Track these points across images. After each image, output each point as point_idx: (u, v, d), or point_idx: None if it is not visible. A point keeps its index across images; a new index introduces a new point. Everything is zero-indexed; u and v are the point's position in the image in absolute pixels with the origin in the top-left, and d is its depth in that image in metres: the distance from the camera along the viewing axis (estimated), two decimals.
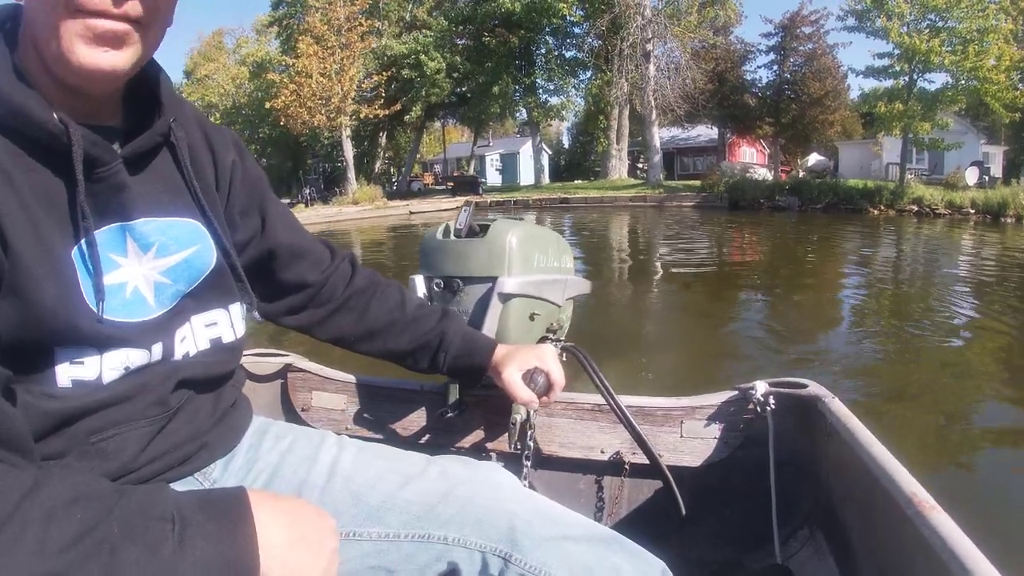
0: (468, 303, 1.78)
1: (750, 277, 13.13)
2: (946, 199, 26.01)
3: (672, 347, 7.24)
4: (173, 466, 1.10)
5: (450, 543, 1.14)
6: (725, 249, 17.96)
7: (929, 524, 1.12)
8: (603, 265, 15.88)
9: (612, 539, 1.19)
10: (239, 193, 1.27)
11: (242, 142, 1.33)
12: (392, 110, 37.85)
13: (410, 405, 2.01)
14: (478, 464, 1.32)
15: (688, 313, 9.35)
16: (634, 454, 1.88)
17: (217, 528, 0.78)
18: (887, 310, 9.59)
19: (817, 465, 1.75)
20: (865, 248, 17.88)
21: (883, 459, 1.36)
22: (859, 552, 1.53)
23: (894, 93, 27.72)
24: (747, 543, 1.89)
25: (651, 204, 32.20)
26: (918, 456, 4.36)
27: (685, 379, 5.94)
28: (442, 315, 1.56)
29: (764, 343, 7.50)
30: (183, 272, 1.10)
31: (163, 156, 1.10)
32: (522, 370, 1.52)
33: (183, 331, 1.11)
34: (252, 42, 62.53)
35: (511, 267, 1.76)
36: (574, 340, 1.81)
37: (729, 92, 40.87)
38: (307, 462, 1.27)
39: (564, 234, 22.14)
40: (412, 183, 47.91)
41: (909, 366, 6.55)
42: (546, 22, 39.27)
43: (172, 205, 1.09)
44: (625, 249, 19.24)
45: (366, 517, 1.18)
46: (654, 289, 11.84)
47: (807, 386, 1.78)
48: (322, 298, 1.47)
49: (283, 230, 1.36)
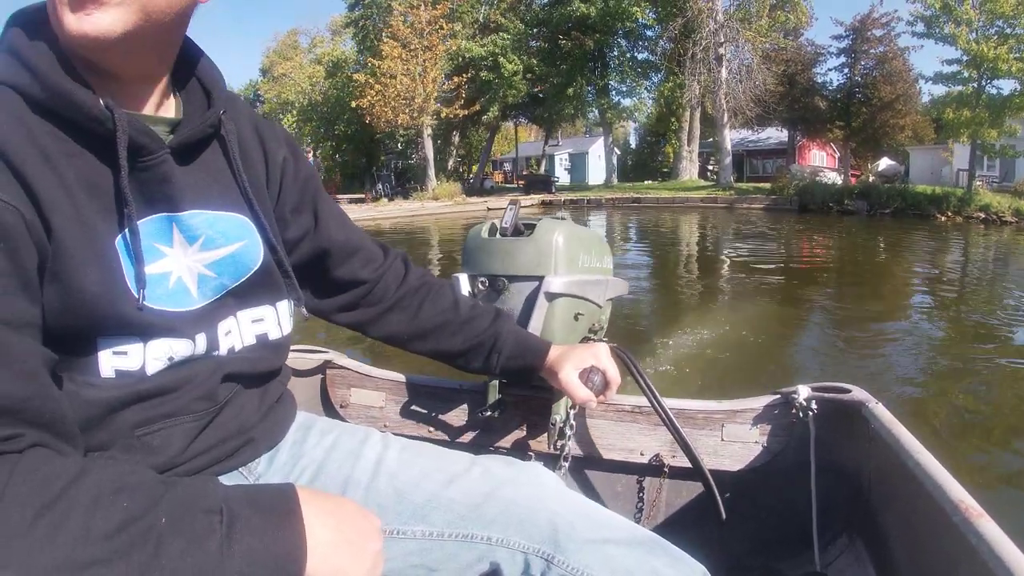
0: (513, 302, 1.78)
1: (810, 281, 13.24)
2: (1013, 207, 25.89)
3: (719, 349, 7.17)
4: (219, 460, 1.11)
5: (493, 543, 1.15)
6: (789, 252, 18.26)
7: (976, 531, 1.08)
8: (666, 264, 16.26)
9: (654, 542, 1.19)
10: (291, 190, 1.27)
11: (294, 140, 1.33)
12: (471, 110, 38.59)
13: (449, 404, 2.02)
14: (522, 464, 1.32)
15: (740, 315, 9.15)
16: (674, 457, 1.88)
17: (265, 523, 0.79)
18: (945, 319, 9.50)
19: (859, 471, 1.72)
20: (930, 254, 17.97)
21: (928, 465, 1.33)
22: (900, 560, 1.50)
23: (962, 99, 27.65)
24: (786, 549, 1.88)
25: (721, 205, 32.55)
26: (968, 468, 4.31)
27: (730, 382, 5.94)
28: (495, 315, 1.56)
29: (815, 347, 7.65)
30: (229, 266, 1.10)
31: (213, 150, 1.10)
32: (578, 369, 1.52)
33: (227, 324, 1.11)
34: (327, 42, 63.91)
35: (557, 266, 1.75)
36: (616, 340, 1.80)
37: (799, 95, 40.63)
38: (351, 458, 1.27)
39: (636, 232, 25.45)
40: (485, 181, 48.69)
41: (964, 378, 6.43)
42: (619, 25, 39.73)
43: (220, 199, 1.09)
44: (692, 249, 19.60)
45: (411, 515, 1.19)
46: (713, 290, 11.99)
47: (850, 391, 1.76)
48: (375, 296, 1.47)
49: (336, 228, 1.37)
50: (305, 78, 57.98)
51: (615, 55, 42.68)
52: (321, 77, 56.08)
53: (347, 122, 51.00)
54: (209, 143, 1.09)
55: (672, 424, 1.71)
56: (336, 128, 53.55)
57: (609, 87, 42.98)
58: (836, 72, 42.39)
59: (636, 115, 45.90)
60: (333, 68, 53.63)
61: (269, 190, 1.22)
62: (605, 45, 41.58)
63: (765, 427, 1.86)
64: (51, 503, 0.70)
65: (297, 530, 0.80)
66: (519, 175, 51.81)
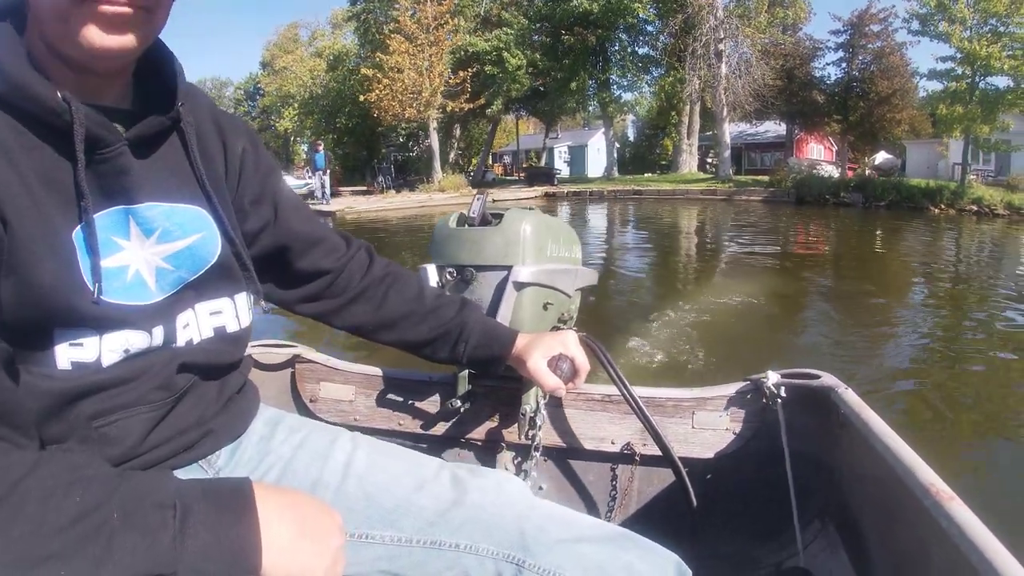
0: (482, 292, 1.76)
1: (797, 270, 13.42)
2: (1005, 200, 26.44)
3: (694, 337, 7.25)
4: (177, 452, 1.09)
5: (462, 550, 1.14)
6: (780, 242, 18.66)
7: (947, 515, 1.09)
8: (653, 254, 16.65)
9: (624, 537, 1.19)
10: (250, 182, 1.26)
11: (255, 132, 1.33)
12: (476, 104, 38.62)
13: (419, 396, 2.00)
14: (488, 471, 1.31)
15: (721, 302, 9.31)
16: (644, 445, 1.88)
17: (219, 518, 0.78)
18: (926, 308, 9.85)
19: (830, 456, 1.73)
20: (920, 246, 18.34)
21: (899, 450, 1.33)
22: (874, 544, 1.50)
23: (956, 95, 28.16)
24: (760, 535, 1.89)
25: (720, 197, 32.94)
26: (940, 453, 4.35)
27: (703, 370, 6.06)
28: (461, 305, 1.55)
29: (792, 335, 7.87)
30: (186, 259, 1.08)
31: (171, 142, 1.08)
32: (547, 357, 1.51)
33: (185, 317, 1.10)
34: (328, 35, 63.90)
35: (526, 256, 1.74)
36: (588, 329, 1.78)
37: (797, 89, 40.69)
38: (320, 459, 1.25)
39: (634, 223, 25.89)
40: (486, 173, 48.87)
41: (940, 366, 6.74)
42: (621, 21, 39.89)
43: (178, 191, 1.07)
44: (684, 239, 20.14)
45: (379, 520, 1.17)
46: (696, 279, 12.16)
47: (820, 377, 1.78)
48: (338, 287, 1.46)
49: (296, 219, 1.35)
50: (306, 71, 57.93)
51: (616, 49, 42.55)
52: (322, 70, 55.91)
53: (348, 115, 50.97)
54: (168, 135, 1.08)
55: (642, 412, 1.72)
56: (337, 121, 53.47)
57: (610, 81, 43.07)
58: (834, 67, 42.78)
59: (637, 109, 46.23)
60: (334, 61, 53.53)
61: (228, 182, 1.21)
62: (607, 40, 41.48)
63: (735, 414, 1.88)
64: (4, 496, 0.69)
65: (252, 525, 0.80)
66: (520, 167, 52.13)
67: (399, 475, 1.25)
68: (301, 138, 70.43)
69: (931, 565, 1.17)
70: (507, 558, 1.13)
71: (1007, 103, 27.51)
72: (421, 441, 1.99)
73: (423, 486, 1.23)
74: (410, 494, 1.21)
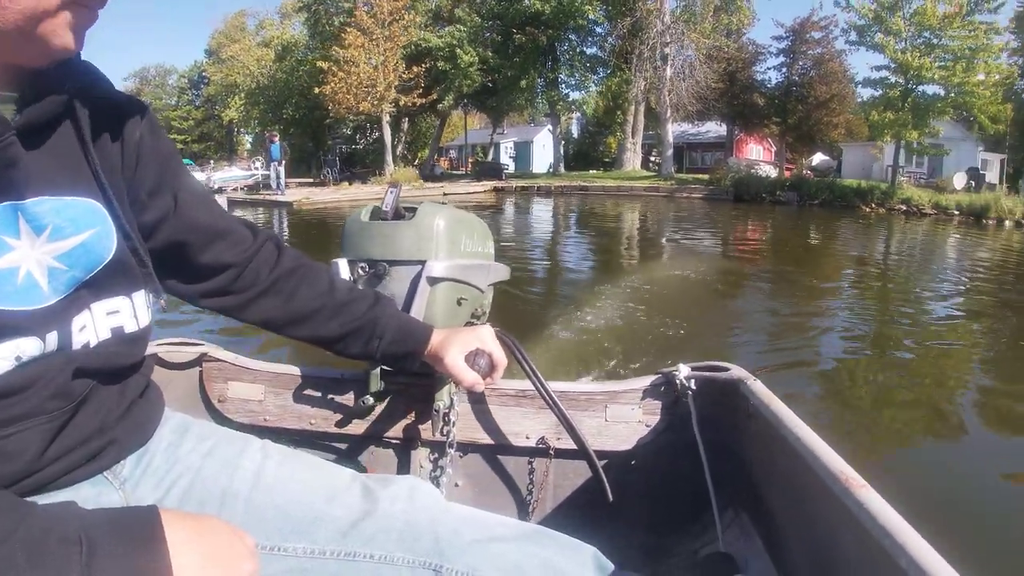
0: (394, 287, 1.73)
1: (729, 264, 13.61)
2: (933, 200, 27.71)
3: (610, 332, 7.14)
4: (80, 464, 1.02)
5: (376, 560, 1.12)
6: (716, 237, 19.03)
7: (857, 500, 1.09)
8: (592, 247, 16.93)
9: (540, 534, 1.19)
10: (148, 170, 1.16)
11: (155, 116, 1.21)
12: (428, 99, 38.73)
13: (331, 394, 1.96)
14: (399, 479, 1.27)
15: (640, 297, 9.19)
16: (559, 439, 1.87)
17: (127, 550, 0.75)
18: (849, 300, 10.19)
19: (741, 447, 1.74)
20: (849, 241, 19.22)
21: (808, 439, 1.34)
22: (786, 531, 1.51)
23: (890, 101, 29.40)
24: (675, 525, 1.90)
25: (662, 194, 33.70)
26: (854, 442, 4.62)
27: (617, 365, 5.96)
28: (375, 299, 1.49)
29: (709, 329, 7.78)
30: (80, 257, 0.99)
31: (64, 129, 0.99)
32: (464, 352, 1.49)
33: (81, 319, 1.01)
34: (276, 25, 62.68)
35: (439, 251, 1.72)
36: (502, 325, 1.73)
37: (739, 91, 41.81)
38: (230, 468, 1.20)
39: (578, 216, 26.14)
40: (434, 167, 49.02)
41: (850, 358, 6.97)
42: (571, 22, 40.40)
43: (70, 183, 0.98)
44: (618, 233, 20.53)
45: (291, 531, 1.13)
46: (620, 273, 11.83)
47: (729, 369, 1.79)
48: (245, 280, 1.37)
49: (199, 210, 1.26)
50: (253, 61, 56.61)
51: (565, 49, 43.18)
52: (270, 60, 54.78)
53: (295, 106, 50.34)
54: (60, 121, 0.99)
55: (556, 406, 1.71)
56: (284, 112, 52.41)
57: (559, 80, 43.71)
58: (775, 71, 43.88)
59: (584, 108, 46.49)
60: (283, 52, 52.85)
61: (124, 171, 1.12)
62: (556, 40, 41.95)
63: (648, 406, 1.88)
64: None
65: (161, 557, 0.77)
66: (474, 162, 52.31)
67: (311, 485, 1.22)
68: (246, 128, 68.72)
69: (843, 549, 1.17)
70: (424, 565, 1.12)
71: (937, 110, 28.80)
72: (334, 440, 1.98)
73: (335, 496, 1.20)
74: (322, 504, 1.18)
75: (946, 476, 4.34)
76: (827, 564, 1.27)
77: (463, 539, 1.14)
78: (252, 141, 71.36)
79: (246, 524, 1.06)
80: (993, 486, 4.23)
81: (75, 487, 1.02)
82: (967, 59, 28.03)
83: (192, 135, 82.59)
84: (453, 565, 1.10)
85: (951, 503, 3.88)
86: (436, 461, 1.93)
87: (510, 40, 40.97)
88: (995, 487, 4.22)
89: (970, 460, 4.64)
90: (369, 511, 1.17)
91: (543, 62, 42.79)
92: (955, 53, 28.20)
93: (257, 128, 58.68)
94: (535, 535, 1.19)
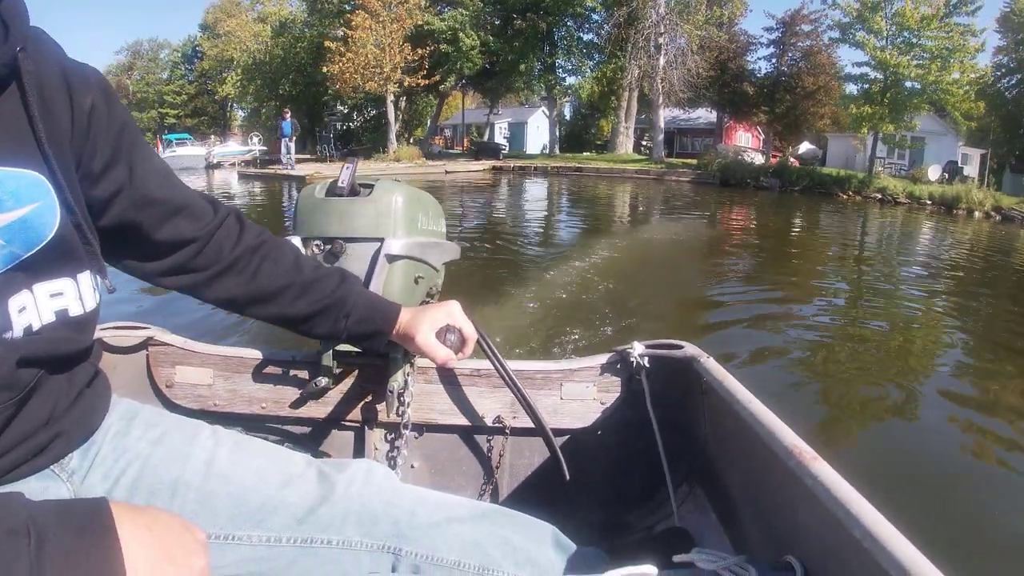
0: (351, 265, 1.66)
1: (698, 245, 13.68)
2: (907, 190, 29.12)
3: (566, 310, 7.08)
4: (27, 459, 0.97)
5: (334, 546, 1.10)
6: (697, 218, 19.49)
7: (811, 474, 1.09)
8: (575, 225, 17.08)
9: (497, 513, 1.19)
10: (101, 142, 1.07)
11: (109, 84, 1.12)
12: (432, 80, 39.23)
13: (282, 377, 1.89)
14: (354, 463, 1.24)
15: (602, 274, 9.09)
16: (515, 418, 1.86)
17: (77, 543, 0.70)
18: (815, 280, 10.35)
19: (695, 423, 1.74)
20: (823, 226, 19.76)
21: (761, 415, 1.33)
22: (741, 505, 1.51)
23: (868, 96, 30.98)
24: (631, 502, 1.91)
25: (652, 177, 34.83)
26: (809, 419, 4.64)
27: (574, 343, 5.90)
28: (341, 278, 1.43)
29: (667, 307, 7.68)
30: (19, 232, 0.92)
31: (8, 95, 0.92)
32: (435, 330, 1.46)
33: (20, 300, 0.94)
34: (273, 1, 62.15)
35: (397, 228, 1.68)
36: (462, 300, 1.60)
37: (729, 80, 42.70)
38: (181, 456, 1.14)
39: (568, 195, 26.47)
40: (432, 146, 49.50)
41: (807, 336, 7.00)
42: (569, 9, 41.67)
43: (12, 154, 0.91)
44: (608, 212, 20.94)
45: (246, 519, 1.10)
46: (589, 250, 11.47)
47: (683, 347, 1.78)
48: (206, 257, 1.30)
49: (155, 183, 1.18)
50: (250, 36, 56.34)
51: (563, 35, 44.21)
52: (267, 36, 54.68)
53: (292, 83, 50.85)
54: (5, 87, 0.92)
55: (513, 384, 1.69)
56: (281, 88, 52.91)
57: (556, 65, 44.89)
58: (765, 61, 44.54)
59: (579, 92, 47.59)
60: (280, 28, 53.10)
61: (74, 143, 1.02)
62: (555, 26, 44.06)
63: (602, 384, 1.87)
64: None
65: (112, 550, 0.72)
66: (471, 141, 52.98)
67: (264, 471, 1.17)
68: (240, 104, 68.40)
69: (797, 521, 1.17)
70: (382, 548, 1.11)
71: (913, 106, 30.32)
72: (287, 424, 1.93)
73: (289, 482, 1.16)
74: (276, 491, 1.14)
75: (903, 451, 4.42)
76: (781, 536, 1.26)
77: (421, 521, 1.13)
78: (245, 117, 71.01)
79: (199, 513, 1.04)
80: (949, 460, 4.39)
81: (20, 482, 0.97)
82: (943, 58, 29.61)
83: (185, 109, 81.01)
84: (412, 547, 1.10)
85: (906, 477, 3.95)
86: (392, 443, 1.90)
87: (510, 24, 42.02)
88: (951, 461, 4.37)
89: (926, 435, 4.72)
90: (325, 496, 1.15)
91: (541, 47, 43.74)
92: (932, 52, 29.82)
93: (253, 103, 59.16)
94: (493, 514, 1.19)
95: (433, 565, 1.10)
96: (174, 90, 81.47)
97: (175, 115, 79.80)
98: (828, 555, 1.06)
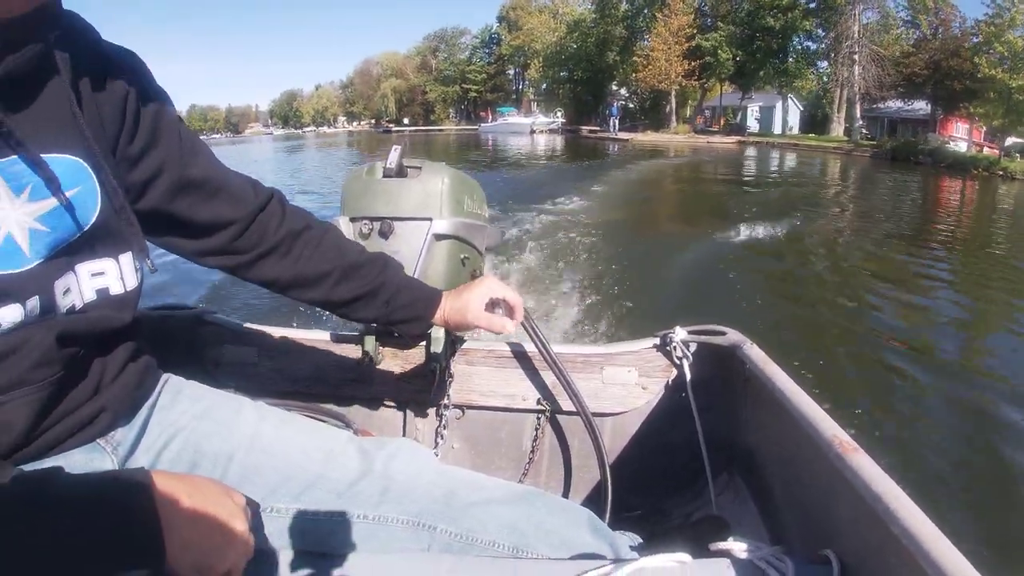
0: (399, 245, 1.72)
1: (794, 216, 12.64)
2: None
3: (627, 291, 6.95)
4: (73, 432, 1.01)
5: (371, 521, 1.12)
6: (826, 186, 19.90)
7: (851, 466, 1.07)
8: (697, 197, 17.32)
9: (534, 495, 1.21)
10: (141, 125, 1.10)
11: (146, 66, 1.15)
12: (700, 81, 57.24)
13: (325, 357, 1.93)
14: (394, 441, 1.28)
15: (681, 254, 8.94)
16: (555, 401, 1.88)
17: (118, 513, 0.75)
18: (876, 264, 9.45)
19: (736, 411, 1.73)
20: (943, 202, 19.17)
21: (803, 404, 1.32)
22: (780, 495, 1.50)
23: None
24: (670, 487, 1.91)
25: (843, 152, 39.16)
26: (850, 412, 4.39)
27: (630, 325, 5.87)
28: (384, 263, 1.46)
29: (749, 293, 7.35)
30: (63, 217, 0.94)
31: (47, 82, 0.93)
32: (483, 305, 1.49)
33: (65, 282, 0.97)
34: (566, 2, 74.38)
35: (444, 208, 1.72)
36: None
37: (942, 77, 41.97)
38: (225, 429, 1.19)
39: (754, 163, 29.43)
40: (697, 124, 62.41)
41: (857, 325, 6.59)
42: (794, 34, 54.73)
43: (53, 139, 0.93)
44: (754, 180, 21.73)
45: (286, 492, 1.13)
46: (703, 221, 11.65)
47: (726, 333, 1.77)
48: (249, 239, 1.32)
49: (195, 164, 1.20)
50: (548, 31, 68.79)
51: (793, 45, 56.48)
52: (562, 33, 66.57)
53: (583, 70, 63.45)
54: (43, 75, 0.92)
55: (556, 366, 1.72)
56: (576, 73, 65.17)
57: (787, 71, 56.20)
58: None
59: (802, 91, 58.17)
60: (573, 25, 65.33)
61: (113, 127, 1.06)
62: (786, 44, 55.71)
63: (644, 369, 1.88)
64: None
65: (153, 518, 0.76)
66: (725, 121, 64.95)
67: (306, 447, 1.21)
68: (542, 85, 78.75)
69: (836, 514, 1.15)
70: (418, 525, 1.12)
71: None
72: (329, 402, 1.93)
73: (330, 458, 1.20)
74: (317, 466, 1.18)
75: (951, 447, 4.17)
76: (819, 529, 1.25)
77: (458, 501, 1.16)
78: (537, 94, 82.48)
79: (241, 486, 1.03)
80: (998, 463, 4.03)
81: (66, 454, 1.00)
82: None
83: (485, 86, 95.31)
84: (447, 526, 1.13)
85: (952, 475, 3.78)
86: (433, 423, 1.93)
87: (752, 42, 56.28)
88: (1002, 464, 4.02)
89: (981, 436, 4.38)
90: (364, 472, 1.19)
91: (776, 56, 56.60)
92: None
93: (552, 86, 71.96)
94: (530, 497, 1.22)
95: (468, 544, 1.13)
96: (476, 70, 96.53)
97: (476, 90, 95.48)
98: (866, 551, 1.04)
